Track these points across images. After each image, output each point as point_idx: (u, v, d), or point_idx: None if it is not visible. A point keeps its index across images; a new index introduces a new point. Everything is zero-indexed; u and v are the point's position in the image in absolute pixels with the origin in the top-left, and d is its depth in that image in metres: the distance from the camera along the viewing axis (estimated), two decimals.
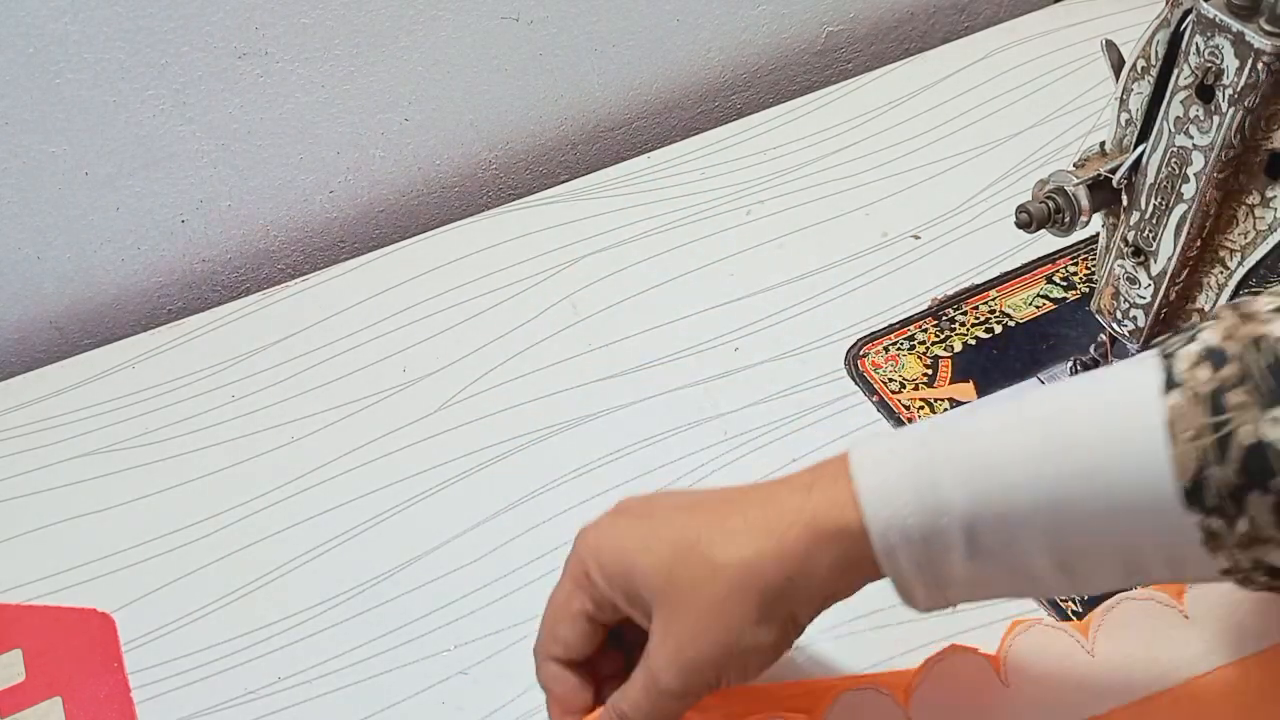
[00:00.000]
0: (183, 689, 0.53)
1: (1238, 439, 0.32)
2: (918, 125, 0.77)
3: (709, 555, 0.37)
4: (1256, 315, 0.34)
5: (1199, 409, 0.33)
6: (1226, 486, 0.32)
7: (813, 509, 0.37)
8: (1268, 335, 0.33)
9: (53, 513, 0.60)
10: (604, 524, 0.41)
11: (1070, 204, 0.48)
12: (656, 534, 0.39)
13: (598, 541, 0.40)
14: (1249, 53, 0.40)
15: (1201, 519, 0.33)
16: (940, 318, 0.65)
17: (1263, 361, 0.33)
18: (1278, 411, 0.32)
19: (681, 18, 0.79)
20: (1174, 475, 0.33)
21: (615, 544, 0.40)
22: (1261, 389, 0.32)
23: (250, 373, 0.66)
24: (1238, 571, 0.34)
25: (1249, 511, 0.32)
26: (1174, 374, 0.34)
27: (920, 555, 0.36)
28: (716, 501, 0.39)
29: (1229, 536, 0.33)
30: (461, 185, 0.80)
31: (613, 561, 0.39)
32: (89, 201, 0.69)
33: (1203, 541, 0.33)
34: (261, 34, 0.67)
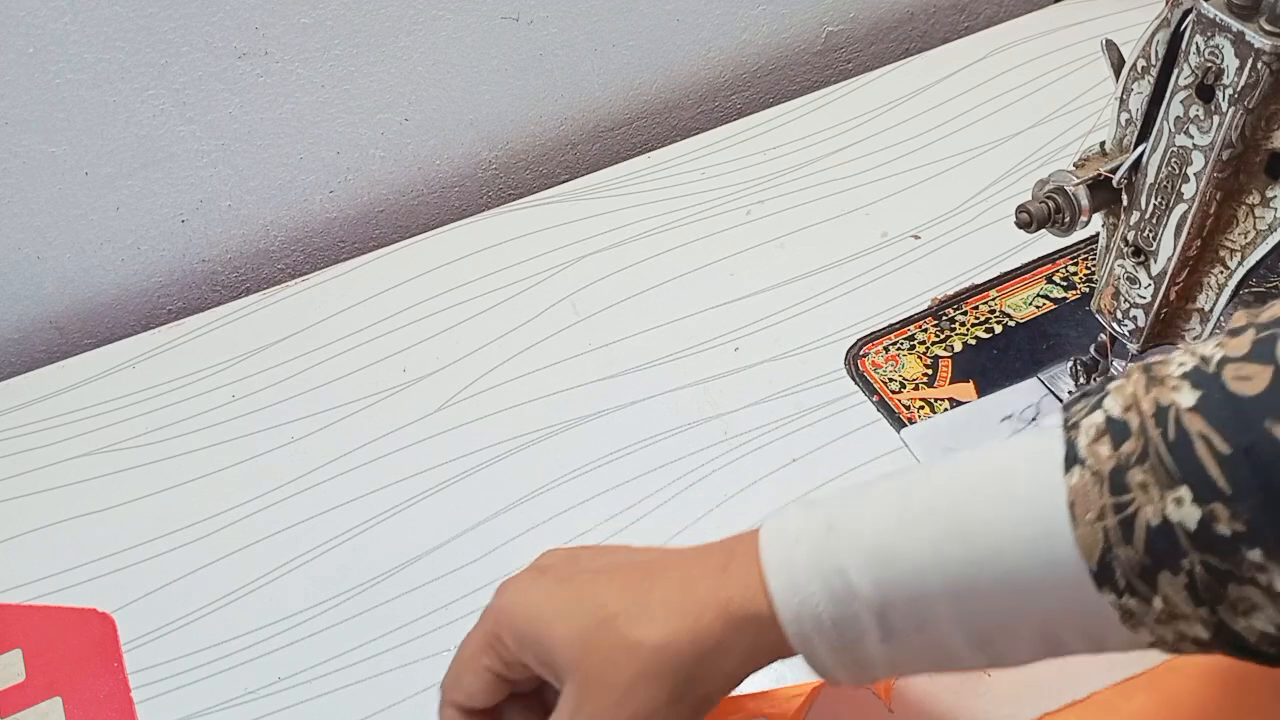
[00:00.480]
0: (183, 689, 0.53)
1: (1141, 520, 0.31)
2: (918, 125, 0.77)
3: (626, 632, 0.37)
4: (1164, 380, 0.32)
5: (1100, 488, 0.32)
6: (1135, 568, 0.31)
7: (727, 594, 0.37)
8: (1173, 405, 0.31)
9: (53, 513, 0.60)
10: (523, 584, 0.40)
11: (1070, 204, 0.48)
12: (574, 602, 0.38)
13: (513, 603, 0.40)
14: (1249, 52, 0.40)
15: (1115, 599, 0.32)
16: (940, 318, 0.65)
17: (1164, 437, 0.31)
18: (1181, 491, 0.30)
19: (681, 18, 0.79)
20: (1080, 557, 0.32)
21: (531, 609, 0.39)
22: (1162, 468, 0.31)
23: (250, 373, 0.66)
24: (1163, 644, 0.33)
25: (1161, 591, 0.31)
26: (1076, 449, 0.33)
27: (834, 640, 0.36)
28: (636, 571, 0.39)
29: (1147, 614, 0.32)
30: (461, 185, 0.80)
31: (527, 626, 0.39)
32: (89, 201, 0.69)
33: (1121, 620, 0.32)
34: (261, 34, 0.67)
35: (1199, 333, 0.49)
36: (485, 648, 0.40)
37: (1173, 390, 0.32)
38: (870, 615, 0.35)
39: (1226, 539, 0.30)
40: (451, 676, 0.42)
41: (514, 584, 0.41)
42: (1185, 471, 0.30)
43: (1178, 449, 0.31)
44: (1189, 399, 0.31)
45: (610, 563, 0.40)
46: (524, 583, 0.40)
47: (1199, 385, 0.31)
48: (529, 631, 0.39)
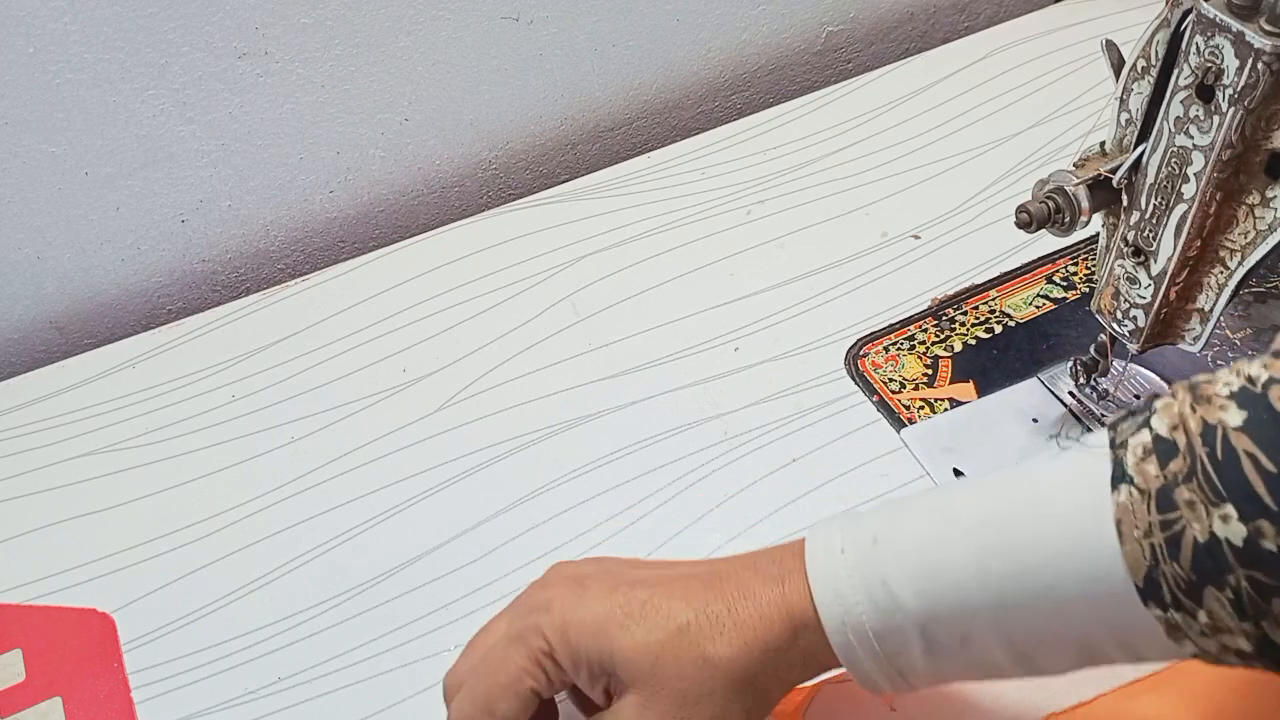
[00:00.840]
0: (183, 689, 0.53)
1: (1188, 537, 0.32)
2: (918, 125, 0.77)
3: (699, 646, 0.38)
4: (1211, 399, 0.33)
5: (1148, 506, 0.32)
6: (1181, 583, 0.32)
7: (789, 606, 0.38)
8: (1220, 424, 0.32)
9: (53, 513, 0.60)
10: (567, 598, 0.39)
11: (1070, 204, 0.48)
12: (634, 615, 0.38)
13: (564, 618, 0.39)
14: (1249, 52, 0.40)
15: (1161, 614, 0.33)
16: (940, 318, 0.65)
17: (1211, 456, 0.32)
18: (1227, 508, 0.31)
19: (681, 18, 0.79)
20: (1127, 573, 0.33)
21: (586, 623, 0.38)
22: (1209, 485, 0.31)
23: (250, 373, 0.66)
24: (1207, 655, 0.34)
25: (1206, 605, 0.32)
26: (1124, 467, 0.33)
27: (878, 651, 0.37)
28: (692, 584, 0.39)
29: (1192, 627, 0.33)
30: (461, 185, 0.80)
31: (584, 641, 0.38)
32: (89, 201, 0.69)
33: (1166, 634, 0.33)
34: (261, 34, 0.67)
35: (1199, 333, 0.49)
36: (531, 668, 0.39)
37: (1220, 410, 0.32)
38: (914, 628, 0.36)
39: (1272, 554, 0.31)
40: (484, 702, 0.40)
41: (559, 598, 0.40)
42: (1231, 489, 0.31)
43: (1225, 467, 0.31)
44: (1236, 418, 0.32)
45: (653, 575, 0.40)
46: (570, 596, 0.40)
47: (1246, 405, 0.32)
48: (589, 646, 0.38)
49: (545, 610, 0.39)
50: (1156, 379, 0.59)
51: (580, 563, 0.42)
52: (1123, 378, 0.59)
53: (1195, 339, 0.50)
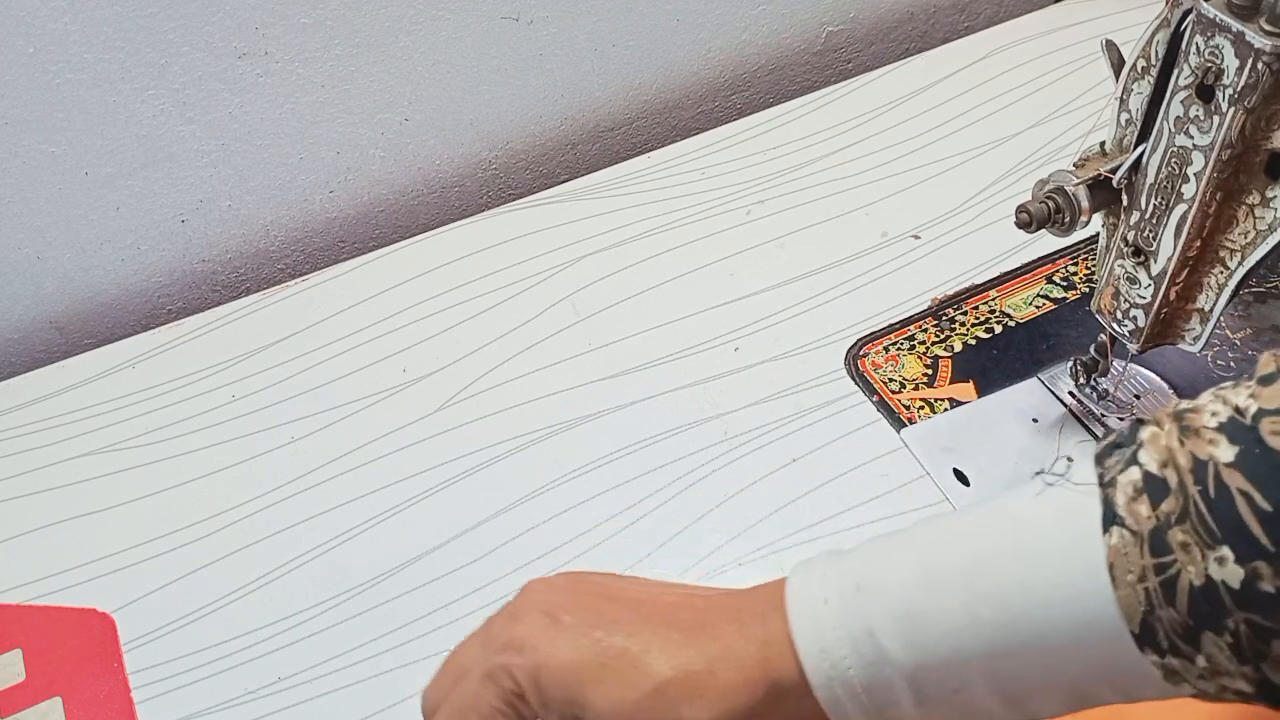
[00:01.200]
0: (183, 689, 0.53)
1: (1184, 581, 0.31)
2: (918, 125, 0.77)
3: (678, 711, 0.36)
4: (1199, 432, 0.32)
5: (1140, 549, 0.31)
6: (1178, 628, 0.31)
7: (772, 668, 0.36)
8: (1211, 460, 0.31)
9: (53, 513, 0.60)
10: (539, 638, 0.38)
11: (1070, 204, 0.48)
12: (608, 667, 0.37)
13: (536, 661, 0.37)
14: (1249, 53, 0.40)
15: (1157, 659, 0.32)
16: (940, 318, 0.65)
17: (1203, 495, 0.31)
18: (1223, 550, 0.30)
19: (681, 18, 0.79)
20: (1122, 619, 0.32)
21: (564, 670, 0.37)
22: (1203, 527, 0.31)
23: (250, 373, 0.66)
24: (1205, 695, 0.33)
25: (1205, 650, 0.31)
26: (1114, 508, 0.32)
27: (866, 704, 0.35)
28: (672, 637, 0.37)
29: (1190, 671, 0.32)
30: (461, 185, 0.80)
31: (556, 689, 0.37)
32: (89, 201, 0.69)
33: (1163, 678, 0.32)
34: (261, 34, 0.67)
35: (1199, 333, 0.49)
36: (502, 708, 0.38)
37: (1209, 444, 0.31)
38: (902, 680, 0.35)
39: (1270, 596, 0.30)
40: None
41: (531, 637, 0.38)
42: (1226, 530, 0.30)
43: (1218, 507, 0.30)
44: (1227, 454, 0.31)
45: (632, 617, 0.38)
46: (542, 636, 0.38)
47: (1236, 440, 0.31)
48: (560, 696, 0.37)
49: (518, 650, 0.38)
50: (1156, 379, 0.59)
51: (555, 585, 0.40)
52: (1123, 378, 0.59)
53: (1195, 339, 0.50)
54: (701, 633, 0.37)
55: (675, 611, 0.39)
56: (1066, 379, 0.60)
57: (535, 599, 0.40)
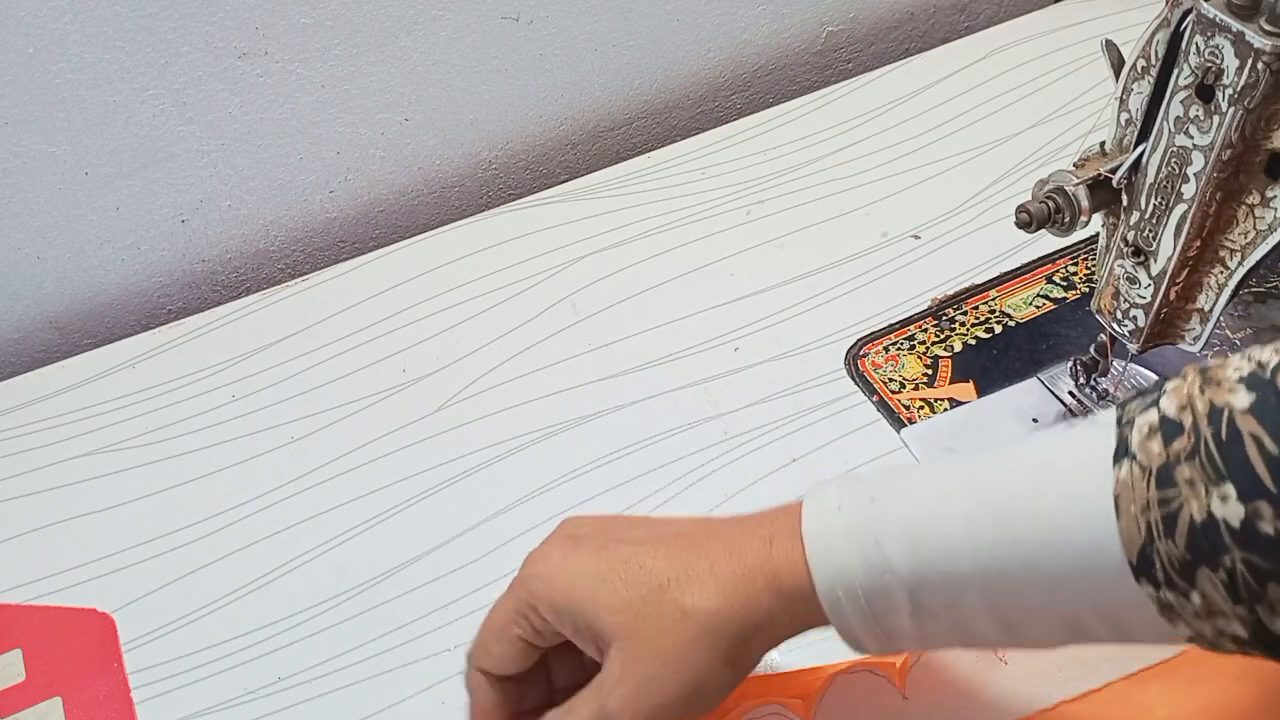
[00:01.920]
0: (183, 689, 0.53)
1: (1185, 515, 0.32)
2: (918, 125, 0.77)
3: (678, 600, 0.38)
4: (1221, 383, 0.33)
5: (1147, 482, 0.32)
6: (1175, 562, 0.32)
7: (775, 566, 0.38)
8: (1227, 406, 0.32)
9: (53, 513, 0.60)
10: (555, 555, 0.41)
11: (1070, 204, 0.48)
12: (616, 571, 0.39)
13: (548, 572, 0.40)
14: (1249, 52, 0.40)
15: (1153, 592, 0.33)
16: (940, 318, 0.65)
17: (1215, 435, 0.32)
18: (1227, 488, 0.31)
19: (681, 18, 0.79)
20: (1121, 548, 0.32)
21: (571, 578, 0.39)
22: (1210, 464, 0.31)
23: (250, 373, 0.66)
24: (1202, 640, 0.33)
25: (1200, 587, 0.32)
26: (1128, 444, 0.33)
27: (865, 610, 0.36)
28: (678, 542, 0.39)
29: (1185, 608, 0.32)
30: (461, 185, 0.80)
31: (564, 596, 0.39)
32: (89, 201, 0.69)
33: (1159, 613, 0.33)
34: (261, 34, 0.67)
35: (1199, 333, 0.49)
36: (517, 617, 0.41)
37: (1229, 393, 0.32)
38: (902, 589, 0.36)
39: (1270, 538, 0.30)
40: (480, 645, 0.42)
41: (546, 554, 0.41)
42: (1232, 469, 0.31)
43: (1227, 447, 0.31)
44: (1244, 401, 0.32)
45: (647, 534, 0.40)
46: (559, 552, 0.40)
47: (1254, 388, 0.32)
48: (569, 601, 0.39)
49: (534, 565, 0.41)
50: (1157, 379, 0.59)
51: (583, 521, 0.43)
52: (1123, 378, 0.59)
53: (1195, 339, 0.50)
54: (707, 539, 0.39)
55: (689, 527, 0.40)
56: (1066, 379, 0.60)
57: (563, 528, 0.42)
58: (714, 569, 0.38)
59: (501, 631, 0.41)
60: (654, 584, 0.38)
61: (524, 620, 0.41)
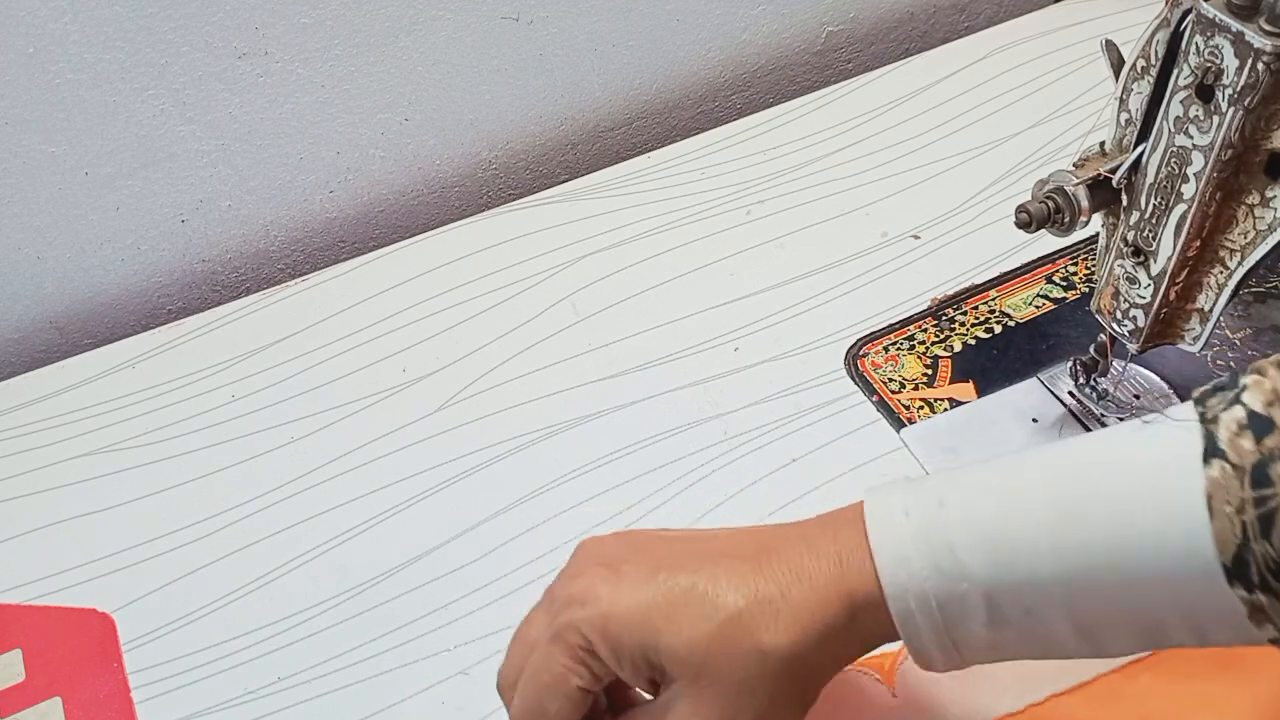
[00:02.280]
0: (183, 689, 0.53)
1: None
2: (918, 125, 0.77)
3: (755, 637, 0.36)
4: None
5: (1241, 481, 0.31)
6: (1272, 563, 0.31)
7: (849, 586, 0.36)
8: None
9: (53, 513, 0.60)
10: (600, 590, 0.37)
11: (1070, 204, 0.48)
12: (677, 605, 0.36)
13: (602, 611, 0.37)
14: (1249, 52, 0.40)
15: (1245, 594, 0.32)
16: (940, 318, 0.65)
17: None
18: None
19: (681, 18, 0.79)
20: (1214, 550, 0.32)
21: (628, 617, 0.36)
22: None
23: (250, 373, 0.66)
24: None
25: None
26: (1216, 441, 0.32)
27: (938, 620, 0.35)
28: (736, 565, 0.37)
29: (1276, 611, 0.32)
30: (461, 185, 0.80)
31: (626, 636, 0.36)
32: (89, 201, 0.69)
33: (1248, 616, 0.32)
34: (261, 34, 0.67)
35: (1199, 333, 0.49)
36: (573, 665, 0.37)
37: None
38: (978, 597, 0.34)
39: None
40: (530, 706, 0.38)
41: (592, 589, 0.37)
42: None
43: None
44: None
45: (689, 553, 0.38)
46: (604, 586, 0.37)
47: None
48: (630, 640, 0.36)
49: (581, 604, 0.37)
50: (1156, 379, 0.59)
51: (607, 541, 0.40)
52: (1122, 378, 0.59)
53: (1195, 339, 0.50)
54: (768, 559, 0.37)
55: (737, 545, 0.38)
56: (1066, 379, 0.60)
57: (590, 555, 0.39)
58: (787, 597, 0.36)
59: (557, 686, 0.37)
60: (723, 617, 0.36)
61: (582, 668, 0.37)
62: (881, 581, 0.35)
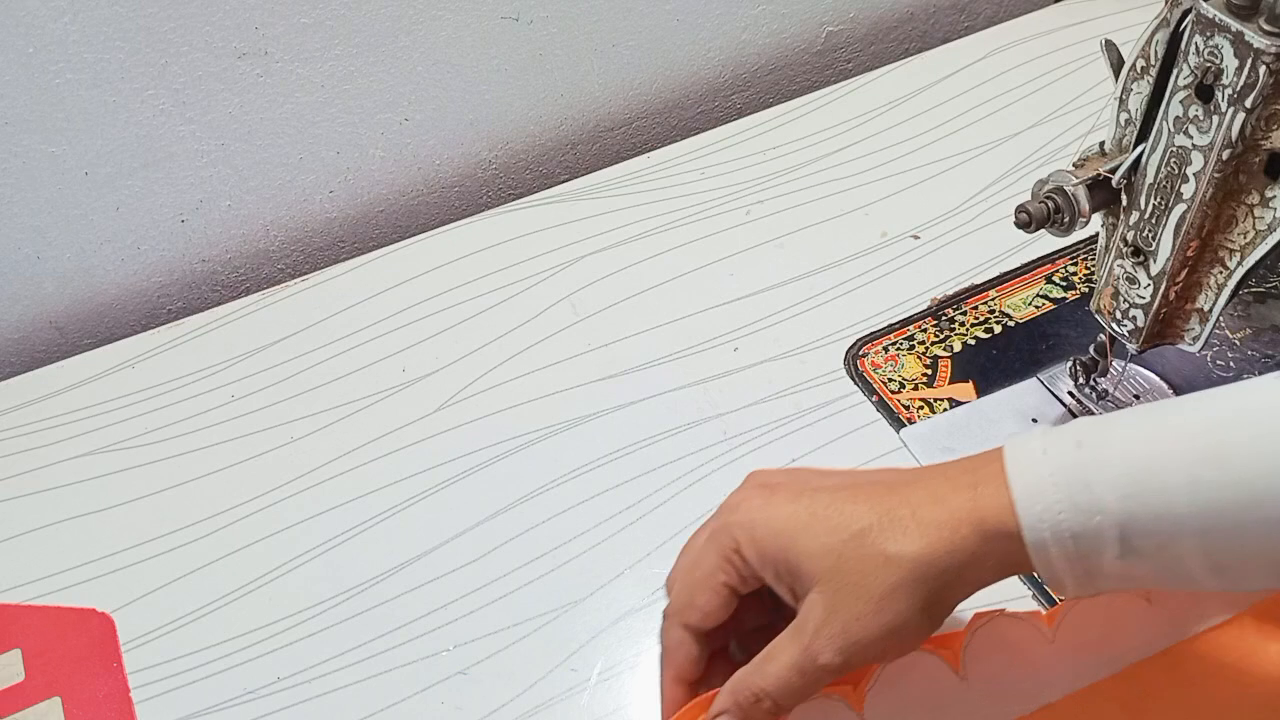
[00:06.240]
0: (182, 689, 0.53)
1: None
2: (918, 125, 0.77)
3: (881, 546, 0.38)
4: None
5: None
6: None
7: (980, 510, 0.37)
8: None
9: (53, 513, 0.60)
10: (755, 501, 0.41)
11: (1070, 204, 0.48)
12: (818, 517, 0.39)
13: (751, 518, 0.40)
14: (1248, 53, 0.40)
15: None
16: (940, 318, 0.65)
17: None
18: None
19: (681, 18, 0.79)
20: None
21: (775, 524, 0.40)
22: None
23: (250, 373, 0.66)
24: None
25: None
26: None
27: (1071, 551, 0.36)
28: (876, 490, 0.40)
29: None
30: (461, 185, 0.81)
31: (769, 540, 0.40)
32: (89, 201, 0.69)
33: None
34: (261, 34, 0.67)
35: (1199, 333, 0.49)
36: (721, 563, 0.41)
37: None
38: (1113, 530, 0.36)
39: None
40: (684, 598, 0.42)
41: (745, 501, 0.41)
42: None
43: None
44: None
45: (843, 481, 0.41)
46: (758, 499, 0.41)
47: None
48: (771, 545, 0.39)
49: (734, 511, 0.41)
50: (1156, 379, 0.59)
51: (772, 471, 0.43)
52: (1122, 378, 0.59)
53: (1195, 339, 0.50)
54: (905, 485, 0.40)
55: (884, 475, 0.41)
56: (1066, 379, 0.60)
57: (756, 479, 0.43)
58: (916, 514, 0.38)
59: (707, 580, 0.41)
60: (856, 529, 0.38)
61: (730, 566, 0.41)
62: (1017, 512, 0.37)
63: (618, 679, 0.52)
